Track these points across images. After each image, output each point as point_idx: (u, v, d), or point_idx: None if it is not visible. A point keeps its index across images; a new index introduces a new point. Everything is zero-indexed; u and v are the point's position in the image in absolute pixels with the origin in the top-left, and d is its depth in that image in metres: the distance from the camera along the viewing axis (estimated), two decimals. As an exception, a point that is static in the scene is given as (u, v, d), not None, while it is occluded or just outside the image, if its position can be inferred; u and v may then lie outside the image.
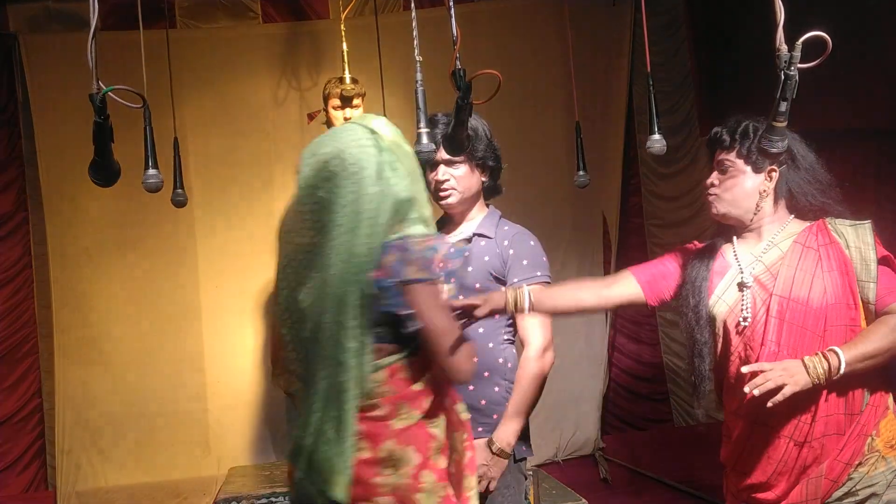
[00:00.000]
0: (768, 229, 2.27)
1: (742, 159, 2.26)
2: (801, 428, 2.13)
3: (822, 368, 2.05)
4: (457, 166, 2.59)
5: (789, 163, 2.24)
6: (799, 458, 2.15)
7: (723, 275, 2.29)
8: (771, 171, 2.25)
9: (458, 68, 1.96)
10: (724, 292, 2.27)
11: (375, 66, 4.26)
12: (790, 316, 2.15)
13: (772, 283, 2.19)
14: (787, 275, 2.18)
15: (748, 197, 2.26)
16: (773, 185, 2.25)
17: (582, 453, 5.24)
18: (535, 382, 2.52)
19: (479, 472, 2.45)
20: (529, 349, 2.55)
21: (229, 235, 4.94)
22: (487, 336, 2.57)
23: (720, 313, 2.27)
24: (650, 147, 2.78)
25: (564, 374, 5.17)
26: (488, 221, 2.67)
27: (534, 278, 2.56)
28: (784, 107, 1.84)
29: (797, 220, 2.28)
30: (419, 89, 2.06)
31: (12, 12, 4.85)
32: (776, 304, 2.17)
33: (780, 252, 2.23)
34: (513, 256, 2.58)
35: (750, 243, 2.30)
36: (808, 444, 2.13)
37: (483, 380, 2.55)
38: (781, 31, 1.79)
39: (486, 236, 2.63)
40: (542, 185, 5.18)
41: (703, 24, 5.23)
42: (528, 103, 5.15)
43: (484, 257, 2.59)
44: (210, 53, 4.94)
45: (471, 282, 2.56)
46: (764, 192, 2.25)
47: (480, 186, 2.68)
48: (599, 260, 5.32)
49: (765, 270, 2.22)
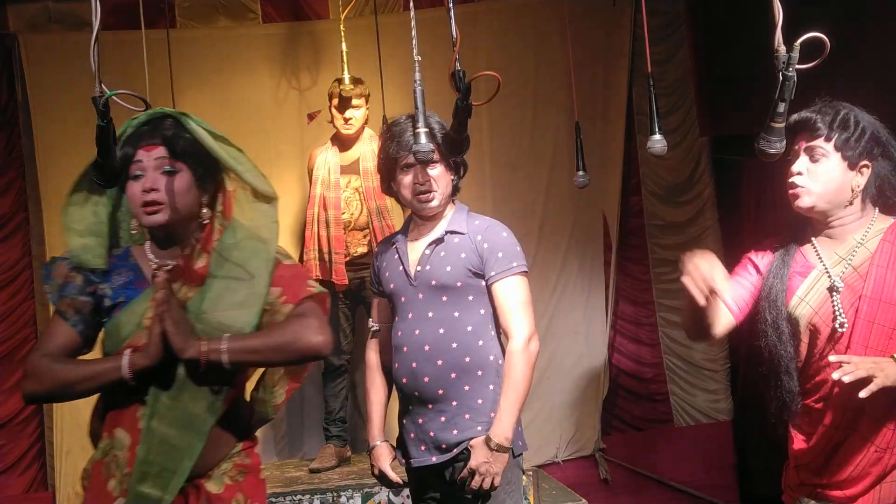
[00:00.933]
0: (853, 227, 2.15)
1: (839, 151, 2.11)
2: (885, 434, 2.08)
3: None
4: (434, 166, 2.57)
5: (880, 158, 2.13)
6: (880, 463, 2.09)
7: (805, 275, 2.18)
8: (863, 167, 2.12)
9: (457, 69, 1.96)
10: (806, 294, 2.16)
11: (375, 66, 4.26)
12: (881, 318, 2.07)
13: (860, 285, 2.10)
14: (879, 275, 2.08)
15: (840, 191, 2.12)
16: (865, 180, 2.13)
17: (582, 454, 5.23)
18: (524, 374, 2.50)
19: (482, 470, 2.46)
20: (514, 341, 2.52)
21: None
22: (476, 333, 2.56)
23: (803, 315, 2.16)
24: (650, 147, 2.78)
25: (565, 374, 5.19)
26: (458, 217, 2.64)
27: (510, 270, 2.55)
28: (782, 107, 1.83)
29: (882, 215, 2.17)
30: (418, 89, 2.05)
31: (12, 12, 4.85)
32: (865, 306, 2.08)
33: (868, 252, 2.13)
34: (487, 250, 2.56)
35: (833, 242, 2.18)
36: (890, 449, 2.08)
37: (476, 378, 2.54)
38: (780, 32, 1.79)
39: (459, 232, 2.60)
40: (543, 186, 5.18)
41: (703, 24, 5.23)
42: (528, 103, 5.15)
43: (460, 254, 2.57)
44: (210, 53, 4.93)
45: (451, 280, 2.55)
46: (856, 188, 2.13)
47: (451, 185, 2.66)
48: (600, 261, 5.32)
49: (853, 272, 2.13)
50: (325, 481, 3.97)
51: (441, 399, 2.53)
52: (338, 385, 4.33)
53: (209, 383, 1.98)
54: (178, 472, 1.94)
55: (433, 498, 2.66)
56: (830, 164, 2.12)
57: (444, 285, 2.55)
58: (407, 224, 2.73)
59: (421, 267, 2.59)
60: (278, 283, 2.06)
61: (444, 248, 2.58)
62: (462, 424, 2.53)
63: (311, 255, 4.23)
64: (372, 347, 2.78)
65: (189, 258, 2.04)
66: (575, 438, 5.22)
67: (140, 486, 1.92)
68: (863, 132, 2.12)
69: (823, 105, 2.17)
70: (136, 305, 2.00)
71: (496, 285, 2.56)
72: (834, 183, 2.12)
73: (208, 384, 1.98)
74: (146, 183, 1.99)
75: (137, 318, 1.98)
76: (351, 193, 4.24)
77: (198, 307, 1.99)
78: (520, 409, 2.53)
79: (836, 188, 2.12)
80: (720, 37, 5.04)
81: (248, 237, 2.08)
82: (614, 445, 5.32)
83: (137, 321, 1.98)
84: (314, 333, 2.01)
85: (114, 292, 2.02)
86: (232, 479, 2.05)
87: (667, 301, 5.36)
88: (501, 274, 2.54)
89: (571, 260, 5.24)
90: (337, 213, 4.19)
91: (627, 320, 5.40)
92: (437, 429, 2.55)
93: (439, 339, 2.53)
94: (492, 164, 5.10)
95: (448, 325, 2.54)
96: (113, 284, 2.03)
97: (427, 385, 2.54)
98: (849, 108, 2.15)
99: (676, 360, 5.37)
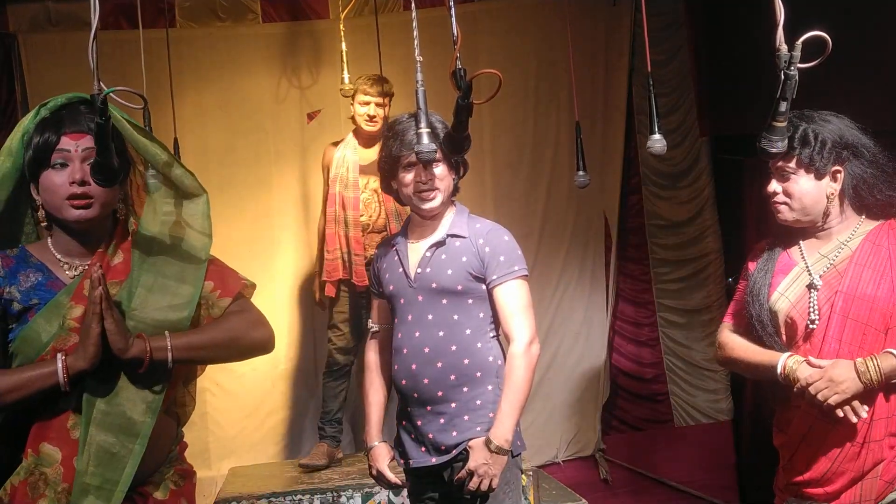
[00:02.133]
0: (839, 230, 2.22)
1: (802, 168, 2.19)
2: (860, 428, 2.11)
3: (874, 370, 2.04)
4: (437, 165, 2.56)
5: (851, 158, 2.17)
6: (859, 459, 2.12)
7: (786, 273, 2.25)
8: (836, 173, 2.18)
9: (458, 68, 1.96)
10: (787, 289, 2.23)
11: (375, 66, 4.26)
12: (855, 313, 2.12)
13: (838, 281, 2.16)
14: (856, 272, 2.15)
15: (817, 203, 2.21)
16: (840, 185, 2.19)
17: (582, 454, 5.23)
18: (524, 377, 2.50)
19: (480, 472, 2.46)
20: (516, 344, 2.52)
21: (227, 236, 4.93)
22: (475, 336, 2.56)
23: (781, 309, 2.23)
24: (650, 147, 2.77)
25: (565, 375, 5.18)
26: (459, 220, 2.63)
27: (511, 274, 2.55)
28: (784, 106, 1.84)
29: (869, 219, 2.22)
30: (420, 89, 2.05)
31: (12, 12, 4.84)
32: (841, 301, 2.14)
33: (850, 251, 2.19)
34: (489, 254, 2.56)
35: (819, 243, 2.25)
36: (867, 444, 2.11)
37: (475, 380, 2.54)
38: (781, 31, 1.79)
39: (461, 236, 2.59)
40: (544, 186, 5.18)
41: (703, 24, 5.23)
42: (529, 103, 5.15)
43: (461, 258, 2.56)
44: (209, 53, 4.93)
45: (452, 284, 2.55)
46: (832, 195, 2.19)
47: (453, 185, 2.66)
48: (601, 261, 5.32)
49: (833, 269, 2.18)
50: (325, 481, 3.96)
51: (440, 401, 2.54)
52: (339, 385, 4.31)
53: (148, 384, 1.88)
54: (121, 482, 1.83)
55: (431, 498, 2.66)
56: (800, 181, 2.20)
57: (444, 288, 2.55)
58: (406, 225, 2.73)
59: (421, 269, 2.59)
60: (210, 277, 2.00)
61: (446, 251, 2.58)
62: (461, 426, 2.54)
63: (336, 255, 4.14)
64: (371, 348, 2.79)
65: (105, 254, 1.94)
66: (575, 439, 5.22)
67: (82, 501, 1.80)
68: (823, 143, 2.17)
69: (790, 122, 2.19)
70: (54, 307, 1.87)
71: (498, 289, 2.56)
72: (808, 197, 2.21)
73: (147, 385, 1.88)
74: (75, 175, 1.86)
75: (59, 320, 1.86)
76: (370, 195, 4.15)
77: (127, 304, 1.89)
78: (520, 412, 2.53)
79: (811, 201, 2.21)
80: (720, 37, 5.05)
81: (167, 233, 1.98)
82: (614, 446, 5.32)
83: (60, 323, 1.86)
84: (257, 329, 1.99)
85: (23, 295, 1.88)
86: (175, 484, 1.98)
87: (667, 301, 5.36)
88: (503, 278, 2.54)
89: (572, 260, 5.24)
90: (355, 215, 4.12)
91: (628, 321, 5.40)
92: (436, 430, 2.55)
93: (438, 341, 2.54)
94: (492, 164, 5.10)
95: (447, 328, 2.54)
96: (21, 287, 1.89)
97: (426, 387, 2.54)
98: (808, 120, 2.19)
99: (676, 361, 5.37)
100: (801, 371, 2.14)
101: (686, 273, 5.34)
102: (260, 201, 4.91)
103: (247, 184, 4.91)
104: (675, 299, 5.36)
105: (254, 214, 4.89)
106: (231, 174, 4.89)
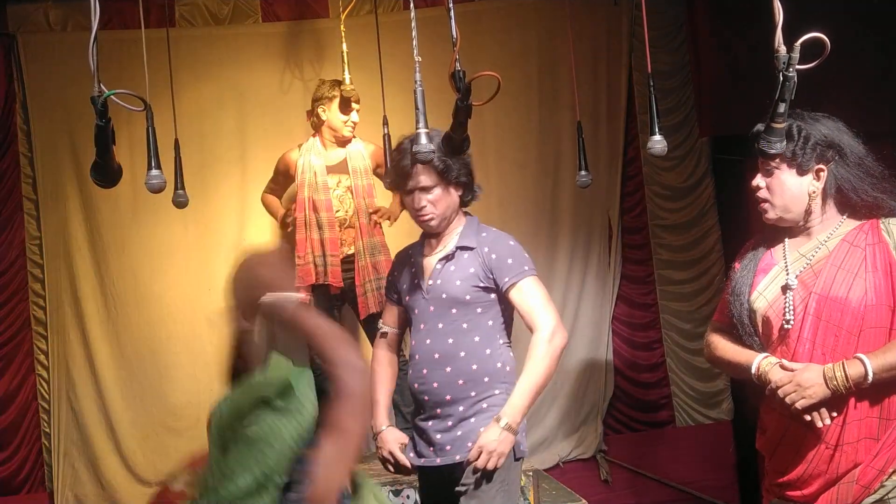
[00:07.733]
0: (819, 229, 2.22)
1: (785, 163, 2.20)
2: (832, 430, 2.11)
3: (841, 378, 2.05)
4: (431, 191, 2.64)
5: (836, 159, 2.18)
6: (833, 462, 2.12)
7: (767, 272, 2.27)
8: (819, 171, 2.19)
9: (457, 70, 1.96)
10: (765, 288, 2.25)
11: (375, 66, 4.25)
12: (827, 315, 2.13)
13: (813, 282, 2.16)
14: (829, 274, 2.15)
15: (798, 200, 2.22)
16: (822, 184, 2.19)
17: (584, 455, 5.23)
18: (545, 363, 2.56)
19: (489, 448, 2.49)
20: (540, 332, 2.58)
21: (226, 236, 4.94)
22: (484, 342, 2.64)
23: (759, 308, 2.25)
24: (651, 147, 2.78)
25: (567, 376, 5.17)
26: (468, 231, 2.72)
27: (523, 273, 2.62)
28: (782, 107, 1.84)
29: (851, 219, 2.21)
30: (418, 89, 2.06)
31: (12, 12, 4.85)
32: (814, 303, 2.14)
33: (827, 251, 2.19)
34: (496, 260, 2.63)
35: (801, 241, 2.26)
36: (840, 447, 2.10)
37: (483, 384, 2.62)
38: (780, 33, 1.79)
39: (469, 248, 2.68)
40: (549, 186, 5.18)
41: (703, 25, 5.22)
42: (532, 103, 5.15)
43: (469, 269, 2.65)
44: (210, 53, 4.93)
45: (460, 294, 2.63)
46: (813, 193, 2.20)
47: (458, 202, 2.73)
48: (605, 262, 5.31)
49: (808, 269, 2.19)
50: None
51: (448, 404, 2.63)
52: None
53: None
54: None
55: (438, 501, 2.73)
56: (783, 176, 2.22)
57: (453, 298, 2.64)
58: (422, 239, 2.81)
59: (433, 281, 2.69)
60: None
61: (455, 263, 2.67)
62: (467, 427, 2.61)
63: (307, 259, 4.12)
64: (380, 346, 2.88)
65: None
66: (577, 440, 5.21)
67: None
68: (806, 140, 2.18)
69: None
70: None
71: (513, 290, 2.62)
72: (789, 193, 2.22)
73: None
74: None
75: None
76: (343, 192, 4.18)
77: None
78: (534, 397, 2.58)
79: (792, 197, 2.22)
80: (720, 37, 5.04)
81: None
82: (615, 446, 5.31)
83: None
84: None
85: None
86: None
87: (669, 303, 5.35)
88: (515, 278, 2.62)
89: (577, 261, 5.24)
90: (329, 215, 4.13)
91: (630, 322, 5.39)
92: (444, 431, 2.64)
93: (448, 348, 2.64)
94: (497, 165, 5.10)
95: (456, 336, 2.64)
96: None
97: (436, 390, 2.64)
98: (797, 118, 2.20)
99: (678, 362, 5.36)
100: (773, 373, 2.16)
101: (689, 276, 5.34)
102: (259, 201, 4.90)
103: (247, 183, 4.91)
104: (678, 301, 5.35)
105: (254, 214, 4.88)
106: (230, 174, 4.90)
